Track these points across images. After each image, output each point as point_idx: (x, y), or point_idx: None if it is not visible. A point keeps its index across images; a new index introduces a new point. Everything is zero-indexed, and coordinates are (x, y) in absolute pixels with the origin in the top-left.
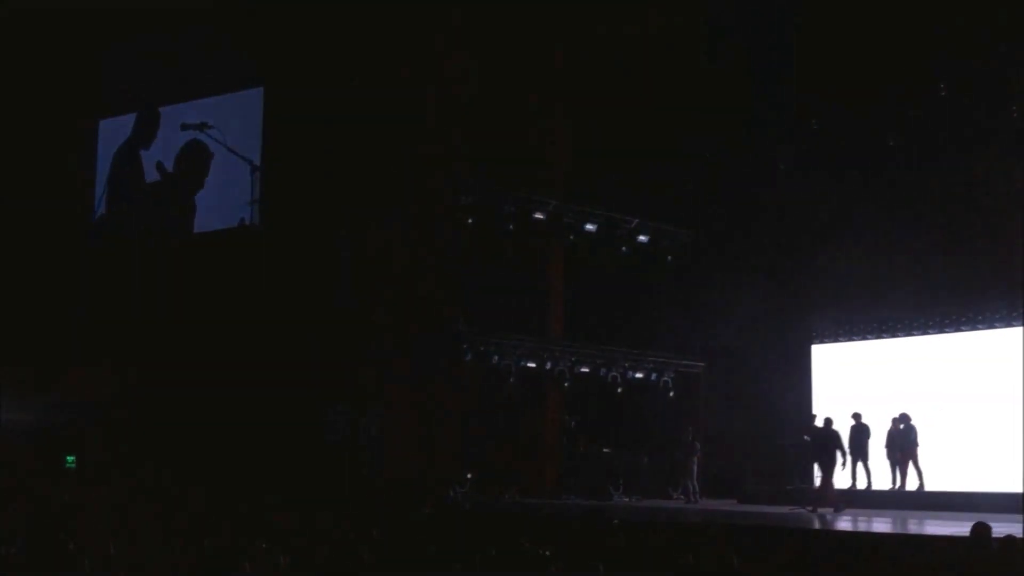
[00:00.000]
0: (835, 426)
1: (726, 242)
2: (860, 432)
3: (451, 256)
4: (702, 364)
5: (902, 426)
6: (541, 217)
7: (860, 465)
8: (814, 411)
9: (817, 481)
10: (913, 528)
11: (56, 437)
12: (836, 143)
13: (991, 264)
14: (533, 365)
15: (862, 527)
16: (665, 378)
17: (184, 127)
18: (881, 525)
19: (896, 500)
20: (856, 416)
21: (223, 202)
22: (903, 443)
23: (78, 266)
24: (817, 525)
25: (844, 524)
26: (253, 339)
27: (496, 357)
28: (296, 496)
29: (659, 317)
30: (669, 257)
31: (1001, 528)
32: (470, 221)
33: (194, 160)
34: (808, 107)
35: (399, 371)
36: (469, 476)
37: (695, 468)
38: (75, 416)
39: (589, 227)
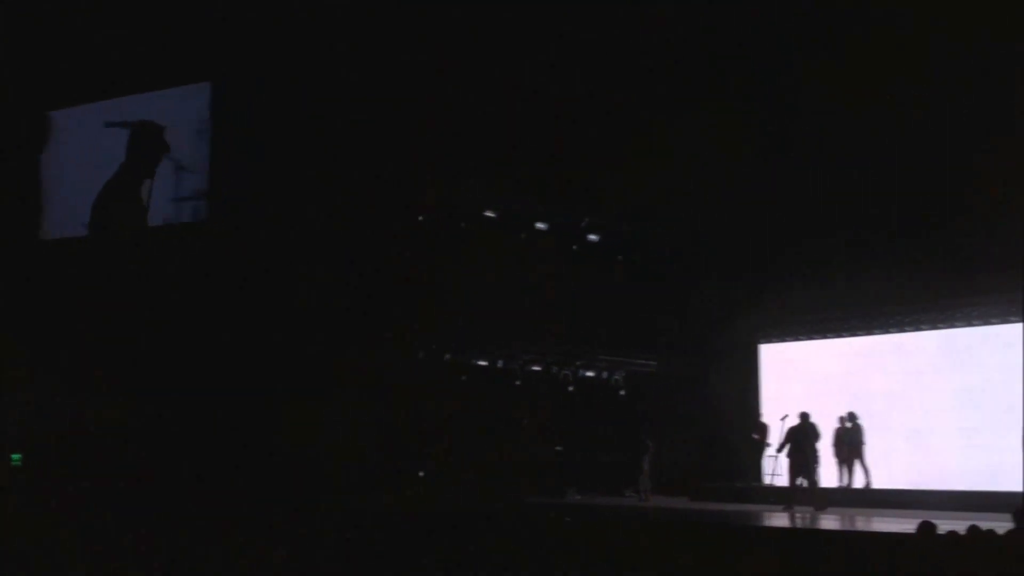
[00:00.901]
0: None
1: (677, 241)
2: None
3: (410, 253)
4: (653, 363)
5: (849, 425)
6: (493, 215)
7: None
8: (761, 409)
9: (784, 480)
10: (860, 525)
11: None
12: (788, 146)
13: (935, 267)
14: (485, 363)
15: (810, 524)
16: (617, 377)
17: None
18: (829, 522)
19: (843, 498)
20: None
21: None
22: (850, 441)
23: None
24: (767, 523)
25: (793, 522)
26: (220, 336)
27: (448, 355)
28: (259, 494)
29: (611, 316)
30: (619, 256)
31: (946, 525)
32: (420, 219)
33: (146, 143)
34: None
35: (359, 369)
36: (421, 474)
37: (647, 466)
38: (33, 419)
39: (540, 225)
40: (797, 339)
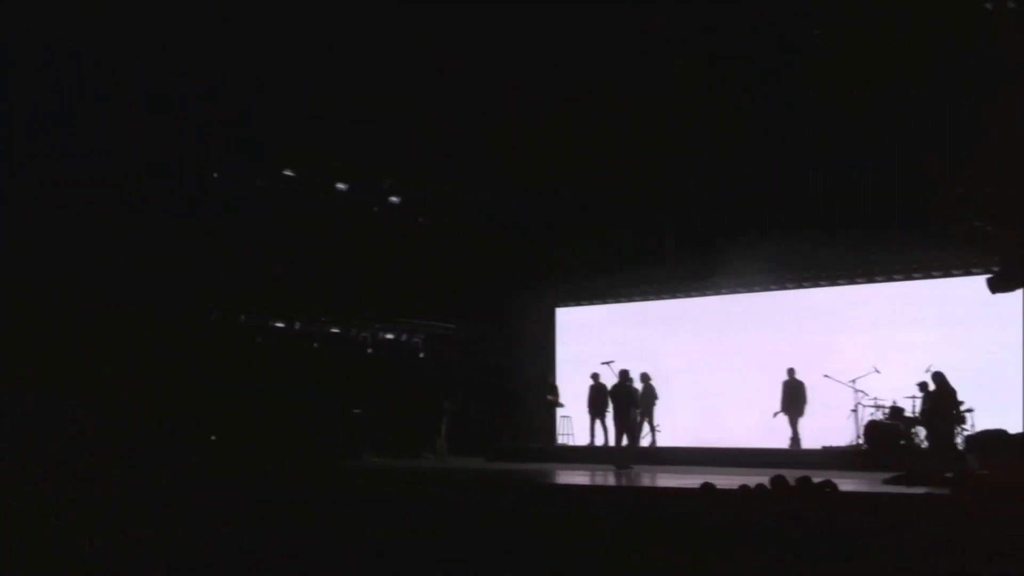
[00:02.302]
0: (635, 383)
1: (476, 204)
2: (599, 392)
3: (202, 215)
4: (452, 326)
5: (641, 385)
6: (291, 175)
7: (599, 423)
8: (556, 372)
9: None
10: (646, 481)
11: None
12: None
13: (718, 238)
14: (282, 325)
15: (599, 481)
16: (416, 339)
17: None
18: (616, 479)
19: (631, 455)
20: (595, 376)
21: None
22: (643, 401)
23: None
24: (567, 480)
25: (580, 479)
26: None
27: (243, 317)
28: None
29: (411, 279)
30: (420, 219)
31: (723, 480)
32: (216, 175)
33: None
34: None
35: (139, 335)
36: (213, 438)
37: (444, 427)
38: None
39: (340, 186)
40: (592, 303)
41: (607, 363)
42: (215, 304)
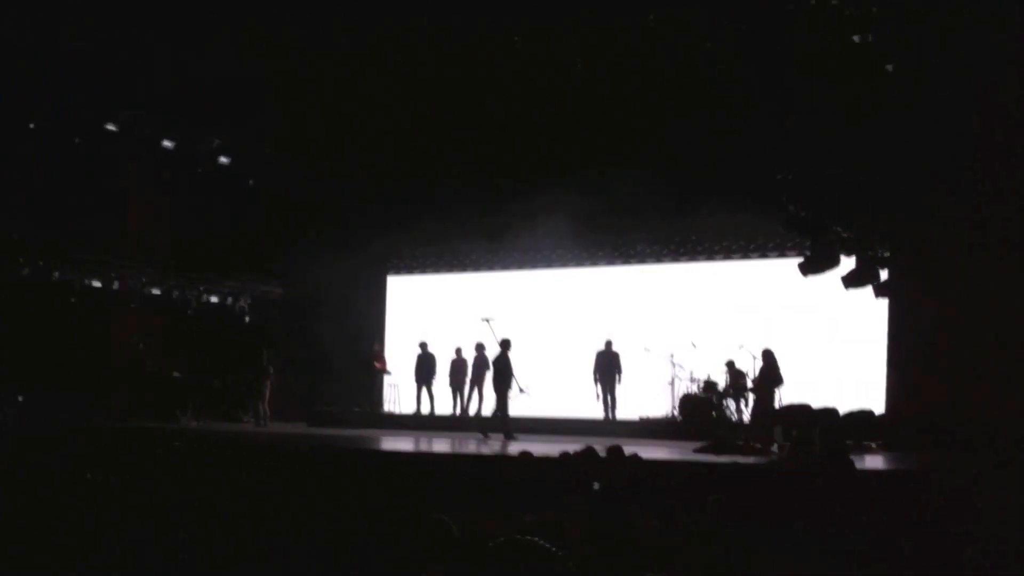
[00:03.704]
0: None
1: (311, 169)
2: (426, 360)
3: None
4: (279, 290)
5: (475, 355)
6: (114, 129)
7: (425, 391)
8: (385, 339)
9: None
10: (471, 448)
11: None
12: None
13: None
14: (99, 284)
15: (423, 447)
16: (241, 303)
17: None
18: (441, 445)
19: (456, 424)
20: (423, 345)
21: None
22: (474, 371)
23: None
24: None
25: (405, 445)
26: None
27: (57, 274)
28: None
29: (238, 241)
30: (251, 181)
31: (542, 448)
32: (32, 126)
33: None
34: None
35: None
36: (20, 399)
37: (267, 392)
38: None
39: (167, 144)
40: (424, 272)
41: (486, 320)
42: (26, 261)
